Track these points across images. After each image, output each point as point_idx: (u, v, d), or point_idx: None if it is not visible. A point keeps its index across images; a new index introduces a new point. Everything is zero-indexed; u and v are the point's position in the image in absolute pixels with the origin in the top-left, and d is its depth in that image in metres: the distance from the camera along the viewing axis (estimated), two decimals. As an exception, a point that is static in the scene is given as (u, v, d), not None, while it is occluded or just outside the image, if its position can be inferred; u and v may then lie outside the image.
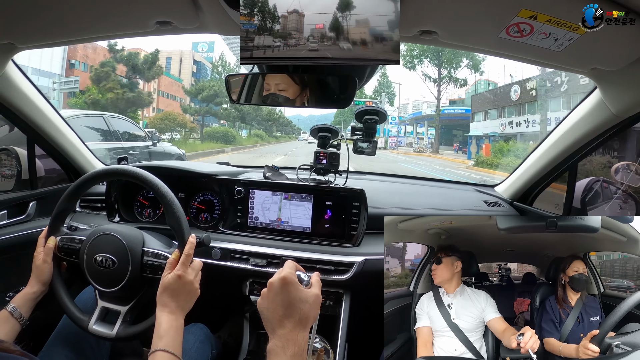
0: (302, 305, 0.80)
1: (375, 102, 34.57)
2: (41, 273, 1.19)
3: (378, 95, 38.24)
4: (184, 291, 1.08)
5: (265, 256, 1.54)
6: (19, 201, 1.75)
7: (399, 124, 40.62)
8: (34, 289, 1.17)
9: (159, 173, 1.28)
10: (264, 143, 35.69)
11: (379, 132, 36.18)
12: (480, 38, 1.10)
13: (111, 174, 1.38)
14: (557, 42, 0.97)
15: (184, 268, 1.09)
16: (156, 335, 1.00)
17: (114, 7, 1.06)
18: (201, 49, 40.64)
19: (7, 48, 1.30)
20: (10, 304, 1.12)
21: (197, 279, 1.13)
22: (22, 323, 1.11)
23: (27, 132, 1.73)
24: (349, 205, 1.60)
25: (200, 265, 1.16)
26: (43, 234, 1.26)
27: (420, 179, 2.36)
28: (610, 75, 1.16)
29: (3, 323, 1.09)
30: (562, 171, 1.65)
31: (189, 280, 1.09)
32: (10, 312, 1.10)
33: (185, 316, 1.08)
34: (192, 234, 1.17)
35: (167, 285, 1.06)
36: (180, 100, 38.18)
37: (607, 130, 1.37)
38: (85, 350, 1.26)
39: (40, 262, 1.20)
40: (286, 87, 1.22)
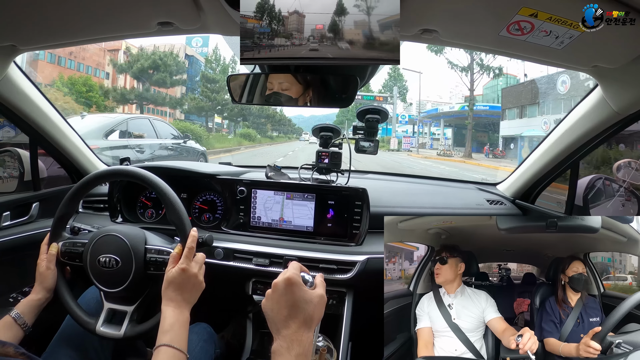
0: (306, 306, 0.80)
1: (386, 97, 32.70)
2: (45, 280, 1.20)
3: (389, 89, 35.05)
4: (188, 284, 1.08)
5: (268, 256, 1.54)
6: (21, 202, 1.75)
7: (409, 123, 37.22)
8: (39, 295, 1.18)
9: (161, 173, 1.28)
10: (251, 145, 27.68)
11: (384, 132, 35.09)
12: (481, 36, 1.10)
13: (113, 174, 1.39)
14: (558, 39, 0.97)
15: (188, 261, 1.10)
16: (161, 330, 1.00)
17: (115, 9, 1.07)
18: (195, 44, 38.15)
19: (9, 50, 1.31)
20: (15, 310, 1.12)
21: (201, 272, 1.13)
22: (25, 330, 1.12)
23: (30, 134, 1.73)
24: (351, 204, 1.60)
25: (203, 258, 1.16)
26: (45, 241, 1.26)
27: (422, 178, 2.35)
28: (611, 73, 1.16)
29: (7, 329, 1.09)
30: (564, 169, 1.65)
31: (193, 273, 1.09)
32: (14, 318, 1.11)
33: (190, 310, 1.08)
34: (194, 228, 1.18)
35: (171, 279, 1.07)
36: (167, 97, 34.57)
37: (608, 127, 1.37)
38: (89, 351, 1.26)
39: (44, 269, 1.20)
40: (289, 85, 1.22)
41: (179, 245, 1.15)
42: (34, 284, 1.20)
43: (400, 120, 34.99)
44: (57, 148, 1.84)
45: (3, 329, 1.09)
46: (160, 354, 0.95)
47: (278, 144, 35.13)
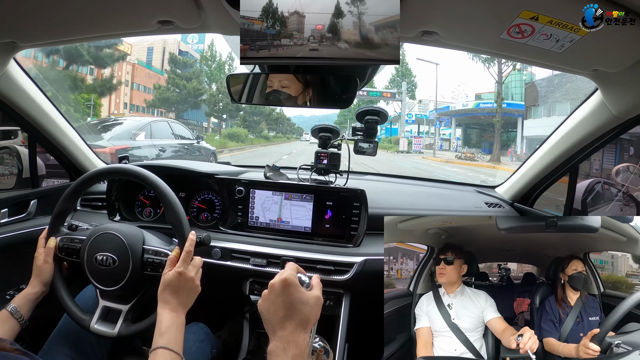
0: (303, 307, 0.80)
1: (394, 94, 31.42)
2: (42, 273, 1.20)
3: (397, 85, 32.82)
4: (185, 288, 1.08)
5: (266, 256, 1.54)
6: (19, 199, 1.75)
7: (415, 122, 34.70)
8: (35, 289, 1.18)
9: (160, 172, 1.28)
10: (239, 147, 23.64)
11: (389, 131, 34.23)
12: (481, 39, 1.10)
13: (112, 172, 1.39)
14: (559, 43, 0.97)
15: (185, 265, 1.10)
16: (157, 332, 1.00)
17: (115, 7, 1.07)
18: (191, 40, 36.33)
19: (8, 47, 1.31)
20: (11, 304, 1.13)
21: (197, 275, 1.13)
22: (21, 323, 1.12)
23: (29, 131, 1.73)
24: (349, 205, 1.60)
25: (200, 263, 1.16)
26: (43, 235, 1.26)
27: (420, 180, 2.36)
28: (611, 77, 1.16)
29: (3, 323, 1.09)
30: (562, 172, 1.65)
31: (190, 277, 1.09)
32: (11, 312, 1.11)
33: (186, 313, 1.08)
34: (192, 231, 1.18)
35: (168, 282, 1.07)
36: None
37: (607, 132, 1.37)
38: (86, 349, 1.27)
39: (41, 263, 1.21)
40: (289, 84, 1.22)
41: (177, 249, 1.15)
42: (31, 278, 1.20)
43: (407, 119, 32.37)
44: (56, 145, 1.83)
45: (0, 323, 1.09)
46: (157, 356, 0.95)
47: (275, 145, 32.71)
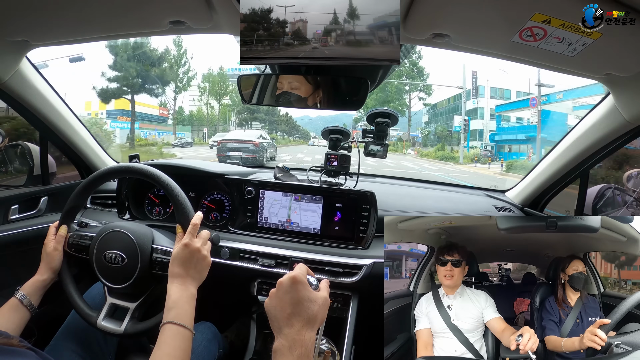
0: (310, 305, 0.79)
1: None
2: (52, 260, 1.21)
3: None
4: (192, 260, 1.08)
5: (274, 257, 1.54)
6: (30, 196, 1.77)
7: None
8: (44, 276, 1.19)
9: (170, 172, 1.29)
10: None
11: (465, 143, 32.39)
12: (493, 42, 1.10)
13: (122, 171, 1.39)
14: (571, 46, 0.96)
15: (190, 237, 1.10)
16: (166, 307, 0.99)
17: (127, 6, 1.08)
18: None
19: (21, 45, 1.32)
20: (20, 292, 1.13)
21: (206, 247, 1.13)
22: (31, 311, 1.12)
23: (40, 129, 1.75)
24: (359, 207, 1.59)
25: (208, 235, 1.16)
26: (55, 224, 1.28)
27: (430, 183, 2.35)
28: (623, 81, 1.16)
29: (13, 311, 1.10)
30: (573, 177, 1.63)
31: (196, 248, 1.09)
32: (20, 299, 1.11)
33: (198, 287, 1.07)
34: (199, 212, 1.18)
35: (175, 255, 1.07)
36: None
37: (619, 137, 1.36)
38: (93, 346, 1.27)
39: (51, 250, 1.21)
40: (299, 85, 1.23)
41: (180, 227, 1.16)
42: (40, 265, 1.21)
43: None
44: (67, 143, 1.86)
45: (10, 311, 1.10)
46: (165, 332, 0.94)
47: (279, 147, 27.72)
